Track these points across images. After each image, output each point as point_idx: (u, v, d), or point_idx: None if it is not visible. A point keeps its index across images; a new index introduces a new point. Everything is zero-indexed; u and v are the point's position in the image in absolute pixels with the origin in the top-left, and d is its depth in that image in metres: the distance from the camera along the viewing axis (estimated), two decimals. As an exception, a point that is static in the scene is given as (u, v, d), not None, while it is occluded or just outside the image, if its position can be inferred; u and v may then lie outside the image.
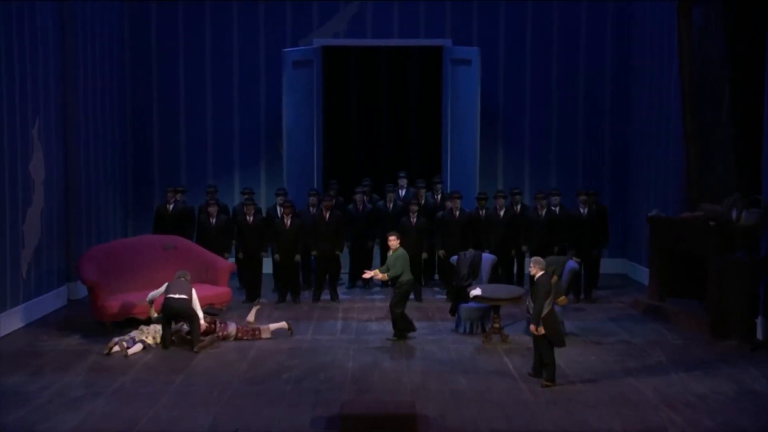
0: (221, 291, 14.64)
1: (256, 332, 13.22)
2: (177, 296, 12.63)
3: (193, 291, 12.86)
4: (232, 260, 16.16)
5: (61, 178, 15.62)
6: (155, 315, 13.05)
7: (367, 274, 13.54)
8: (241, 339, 13.14)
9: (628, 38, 18.91)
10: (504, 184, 18.83)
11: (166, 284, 12.93)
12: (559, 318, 13.19)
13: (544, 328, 10.86)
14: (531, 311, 11.04)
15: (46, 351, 12.47)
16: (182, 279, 12.94)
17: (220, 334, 13.10)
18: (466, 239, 16.03)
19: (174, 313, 12.65)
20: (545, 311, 10.88)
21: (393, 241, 13.34)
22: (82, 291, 15.70)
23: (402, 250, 13.27)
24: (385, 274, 13.17)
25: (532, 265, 11.22)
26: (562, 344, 11.11)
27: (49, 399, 10.32)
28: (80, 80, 16.23)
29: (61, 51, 15.57)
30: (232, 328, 13.22)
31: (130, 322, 13.47)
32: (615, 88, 19.14)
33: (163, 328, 12.75)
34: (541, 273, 11.10)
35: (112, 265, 14.26)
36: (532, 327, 10.98)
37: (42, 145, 14.75)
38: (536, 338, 11.03)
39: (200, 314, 12.84)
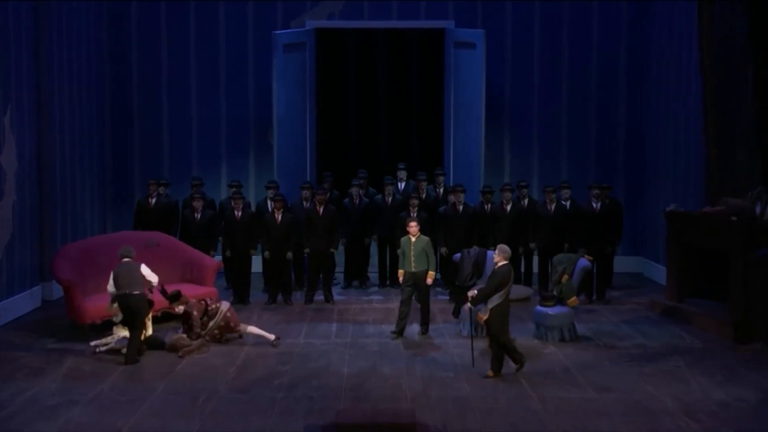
0: (207, 291, 14.57)
1: (238, 326, 13.14)
2: (132, 292, 12.21)
3: (143, 269, 12.47)
4: (218, 258, 16.13)
5: (34, 169, 15.57)
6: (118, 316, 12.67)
7: (429, 280, 13.51)
8: (228, 321, 13.07)
9: (646, 20, 18.88)
10: (511, 176, 18.81)
11: (112, 273, 12.40)
12: (570, 320, 13.26)
13: (492, 320, 11.29)
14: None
15: (19, 356, 12.42)
16: (128, 260, 12.45)
17: (212, 306, 13.08)
18: (470, 236, 16.02)
19: (134, 313, 12.24)
20: (495, 303, 11.27)
21: (414, 227, 13.47)
22: (57, 291, 15.66)
23: (425, 237, 13.56)
24: (432, 272, 13.45)
25: (497, 253, 11.55)
26: (503, 338, 11.46)
27: (22, 407, 10.27)
28: (55, 65, 16.18)
29: (34, 33, 15.52)
30: (225, 304, 13.21)
31: (108, 324, 13.41)
32: (631, 74, 19.10)
33: (131, 333, 12.29)
34: (503, 263, 11.44)
35: (89, 264, 14.22)
36: (480, 315, 11.37)
37: (14, 135, 14.70)
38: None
39: (154, 280, 12.56)
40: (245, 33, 19.02)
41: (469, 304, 11.60)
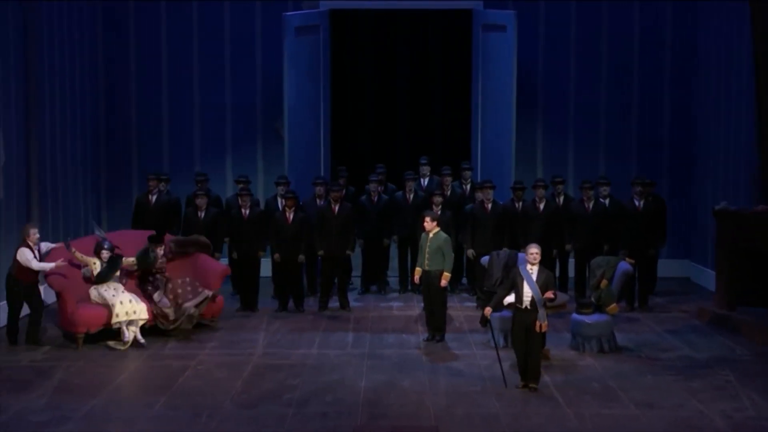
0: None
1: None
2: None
3: (19, 253, 13.40)
4: (224, 261, 16.11)
5: (22, 163, 15.59)
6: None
7: (444, 281, 13.64)
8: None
9: (693, 3, 18.75)
10: (544, 171, 18.76)
11: None
12: (609, 329, 13.20)
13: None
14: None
15: (3, 367, 12.45)
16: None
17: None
18: (499, 236, 15.97)
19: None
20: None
21: (429, 223, 13.64)
22: (48, 297, 15.70)
23: (444, 234, 13.73)
24: (447, 273, 13.64)
25: (534, 250, 11.63)
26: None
27: (6, 424, 10.27)
28: (44, 47, 16.21)
29: (22, 14, 15.53)
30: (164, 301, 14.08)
31: (104, 334, 13.44)
32: (676, 59, 19.02)
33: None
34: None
35: (88, 247, 14.17)
36: (545, 324, 11.45)
37: (1, 126, 14.72)
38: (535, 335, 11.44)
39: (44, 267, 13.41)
40: (253, 14, 19.02)
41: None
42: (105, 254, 13.83)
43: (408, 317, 15.34)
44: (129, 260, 14.19)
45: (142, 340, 13.45)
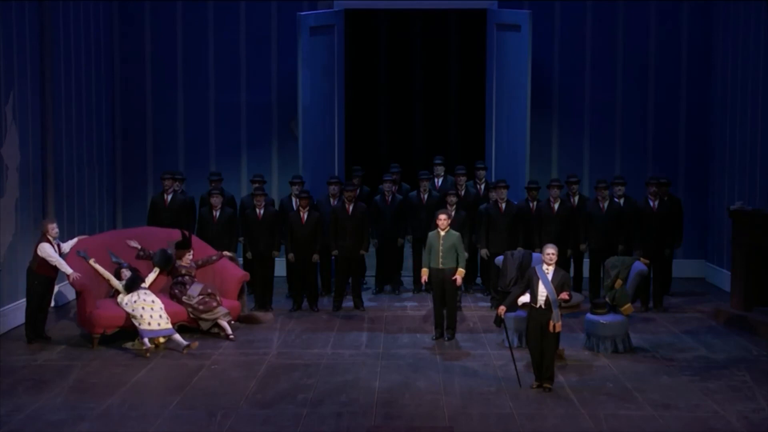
0: (229, 306, 14.37)
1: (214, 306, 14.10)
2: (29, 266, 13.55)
3: (40, 248, 13.58)
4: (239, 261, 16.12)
5: (38, 162, 15.61)
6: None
7: (459, 279, 13.88)
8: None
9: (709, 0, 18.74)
10: (559, 171, 18.71)
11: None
12: (624, 329, 13.18)
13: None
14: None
15: (20, 366, 12.48)
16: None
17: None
18: (514, 236, 15.95)
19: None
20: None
21: (444, 221, 13.82)
22: (63, 296, 15.74)
23: (455, 231, 13.94)
24: (462, 270, 13.84)
25: (551, 250, 11.67)
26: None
27: (23, 423, 10.30)
28: (60, 46, 16.24)
29: (38, 12, 15.56)
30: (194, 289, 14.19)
31: (120, 335, 13.47)
32: (692, 58, 18.93)
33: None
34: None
35: (106, 264, 14.19)
36: (558, 324, 11.44)
37: (17, 125, 14.77)
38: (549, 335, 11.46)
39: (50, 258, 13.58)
40: (268, 14, 19.00)
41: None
42: (125, 273, 13.97)
43: (422, 317, 15.34)
44: (151, 277, 14.25)
45: (232, 335, 14.00)
